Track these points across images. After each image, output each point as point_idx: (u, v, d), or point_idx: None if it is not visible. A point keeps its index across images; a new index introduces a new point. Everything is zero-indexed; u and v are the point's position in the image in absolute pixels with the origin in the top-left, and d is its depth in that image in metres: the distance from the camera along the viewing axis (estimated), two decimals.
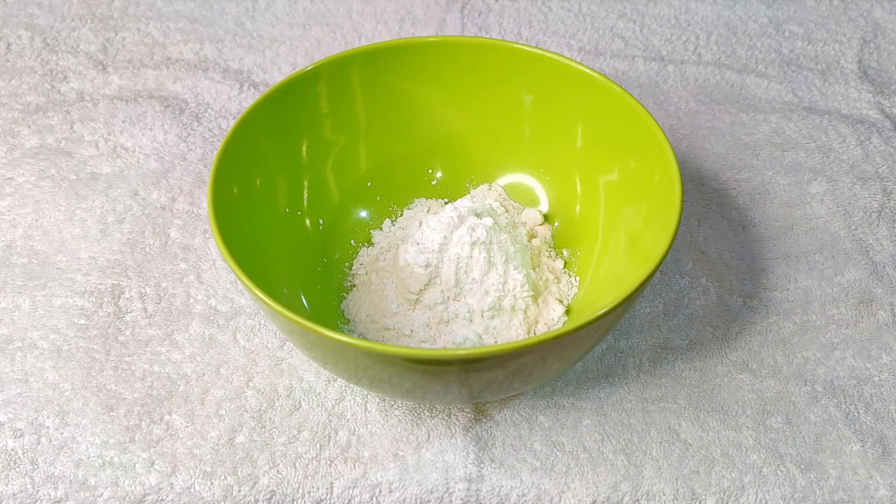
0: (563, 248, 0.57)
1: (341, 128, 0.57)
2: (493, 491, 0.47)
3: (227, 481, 0.47)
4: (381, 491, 0.47)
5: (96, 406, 0.51)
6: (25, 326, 0.55)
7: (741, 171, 0.65)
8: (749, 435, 0.50)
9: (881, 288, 0.57)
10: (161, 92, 0.72)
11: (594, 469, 0.48)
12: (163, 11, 0.80)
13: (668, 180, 0.48)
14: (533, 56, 0.56)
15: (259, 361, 0.53)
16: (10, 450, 0.49)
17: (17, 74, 0.73)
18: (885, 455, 0.49)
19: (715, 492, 0.47)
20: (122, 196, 0.63)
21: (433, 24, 0.79)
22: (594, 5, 0.81)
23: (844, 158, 0.66)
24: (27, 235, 0.60)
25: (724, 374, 0.53)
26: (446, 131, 0.59)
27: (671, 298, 0.57)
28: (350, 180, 0.58)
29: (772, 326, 0.55)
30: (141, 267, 0.58)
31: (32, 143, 0.67)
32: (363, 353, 0.41)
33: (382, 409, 0.51)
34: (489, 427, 0.50)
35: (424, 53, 0.57)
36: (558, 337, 0.41)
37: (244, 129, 0.51)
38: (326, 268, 0.56)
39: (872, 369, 0.53)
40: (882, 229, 0.61)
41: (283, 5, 0.81)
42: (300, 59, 0.75)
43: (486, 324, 0.51)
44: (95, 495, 0.47)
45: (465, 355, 0.41)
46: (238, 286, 0.57)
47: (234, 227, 0.47)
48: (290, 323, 0.42)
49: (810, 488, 0.47)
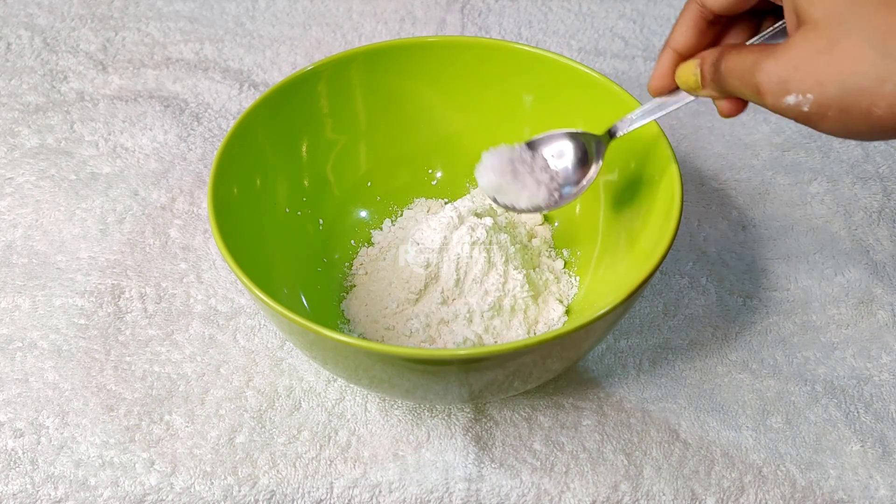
0: (563, 248, 0.57)
1: (341, 128, 0.58)
2: (493, 491, 0.47)
3: (227, 481, 0.47)
4: (381, 491, 0.47)
5: (96, 406, 0.51)
6: (25, 326, 0.55)
7: (741, 171, 0.65)
8: (749, 435, 0.50)
9: (881, 288, 0.57)
10: (161, 92, 0.72)
11: (594, 469, 0.48)
12: (163, 11, 0.80)
13: (668, 180, 0.48)
14: (533, 56, 0.56)
15: (259, 361, 0.53)
16: (10, 450, 0.49)
17: (17, 74, 0.73)
18: (885, 455, 0.49)
19: (715, 492, 0.47)
20: (122, 196, 0.63)
21: (433, 24, 0.79)
22: (594, 5, 0.81)
23: (844, 158, 0.66)
24: (27, 235, 0.60)
25: (724, 374, 0.53)
26: (446, 131, 0.59)
27: (671, 298, 0.57)
28: (350, 180, 0.59)
29: (772, 326, 0.55)
30: (141, 267, 0.58)
31: (32, 143, 0.67)
32: (363, 353, 0.41)
33: (382, 409, 0.51)
34: (489, 427, 0.50)
35: (424, 53, 0.57)
36: (558, 337, 0.41)
37: (244, 129, 0.51)
38: (326, 268, 0.56)
39: (872, 369, 0.53)
40: (882, 229, 0.61)
41: (283, 5, 0.81)
42: (300, 59, 0.75)
43: (486, 324, 0.51)
44: (95, 495, 0.47)
45: (465, 355, 0.41)
46: (238, 286, 0.57)
47: (234, 227, 0.47)
48: (290, 323, 0.42)
49: (810, 488, 0.47)
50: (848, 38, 0.33)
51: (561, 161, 0.49)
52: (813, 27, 0.34)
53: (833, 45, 0.33)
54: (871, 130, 0.34)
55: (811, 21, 0.34)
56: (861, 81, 0.33)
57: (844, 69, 0.33)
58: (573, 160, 0.49)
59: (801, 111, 0.35)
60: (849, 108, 0.33)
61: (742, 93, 0.39)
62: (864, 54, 0.33)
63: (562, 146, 0.49)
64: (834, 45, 0.33)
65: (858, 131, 0.34)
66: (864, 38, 0.33)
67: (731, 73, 0.39)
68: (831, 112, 0.34)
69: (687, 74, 0.43)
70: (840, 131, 0.35)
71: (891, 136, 0.34)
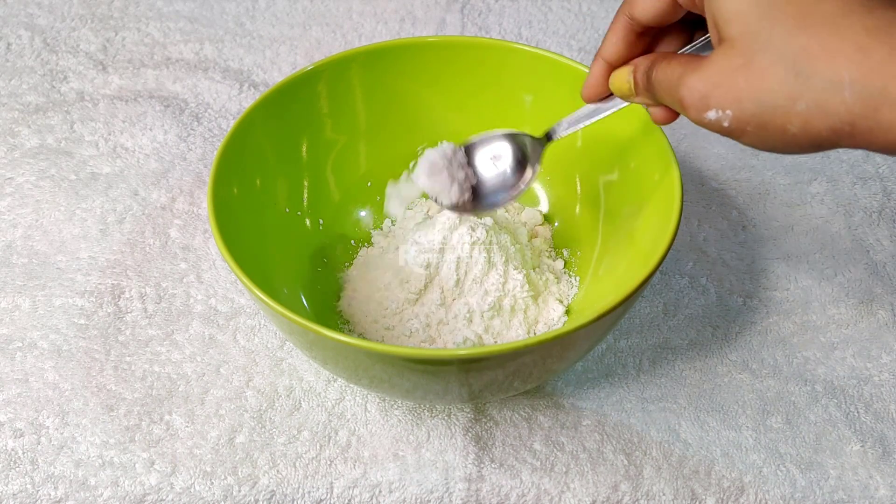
0: (563, 248, 0.57)
1: (341, 128, 0.57)
2: (493, 491, 0.47)
3: (227, 481, 0.47)
4: (381, 491, 0.47)
5: (96, 406, 0.51)
6: (25, 326, 0.55)
7: (741, 171, 0.65)
8: (749, 435, 0.50)
9: (881, 288, 0.57)
10: (161, 92, 0.72)
11: (594, 469, 0.48)
12: (163, 11, 0.80)
13: (668, 180, 0.48)
14: (533, 56, 0.56)
15: (259, 361, 0.53)
16: (10, 450, 0.49)
17: (17, 74, 0.73)
18: (885, 455, 0.49)
19: (715, 492, 0.47)
20: (122, 196, 0.63)
21: (433, 24, 0.79)
22: (594, 5, 0.81)
23: (844, 158, 0.66)
24: (27, 235, 0.60)
25: (724, 374, 0.53)
26: (446, 131, 0.59)
27: (671, 298, 0.57)
28: (350, 180, 0.59)
29: (772, 326, 0.55)
30: (141, 267, 0.58)
31: (32, 143, 0.67)
32: (363, 353, 0.41)
33: (382, 409, 0.51)
34: (489, 427, 0.50)
35: (424, 53, 0.57)
36: (558, 337, 0.41)
37: (244, 129, 0.51)
38: (326, 268, 0.56)
39: (872, 369, 0.53)
40: (882, 229, 0.61)
41: (283, 5, 0.81)
42: (300, 59, 0.75)
43: (486, 324, 0.51)
44: (95, 495, 0.47)
45: (465, 355, 0.41)
46: (238, 286, 0.57)
47: (234, 227, 0.47)
48: (290, 323, 0.42)
49: (810, 488, 0.47)
50: (763, 57, 0.33)
51: (500, 164, 0.49)
52: (731, 45, 0.35)
53: (749, 63, 0.34)
54: (787, 146, 0.34)
55: (729, 38, 0.35)
56: (776, 100, 0.33)
57: (760, 87, 0.34)
58: (511, 163, 0.49)
59: (722, 126, 0.35)
60: (766, 124, 0.34)
61: (669, 103, 0.39)
62: (778, 73, 0.33)
63: (499, 148, 0.49)
64: (750, 63, 0.34)
65: (775, 146, 0.35)
66: (778, 58, 0.33)
67: (659, 84, 0.39)
68: (750, 128, 0.35)
69: (621, 81, 0.43)
70: (759, 145, 0.35)
71: (806, 151, 0.34)
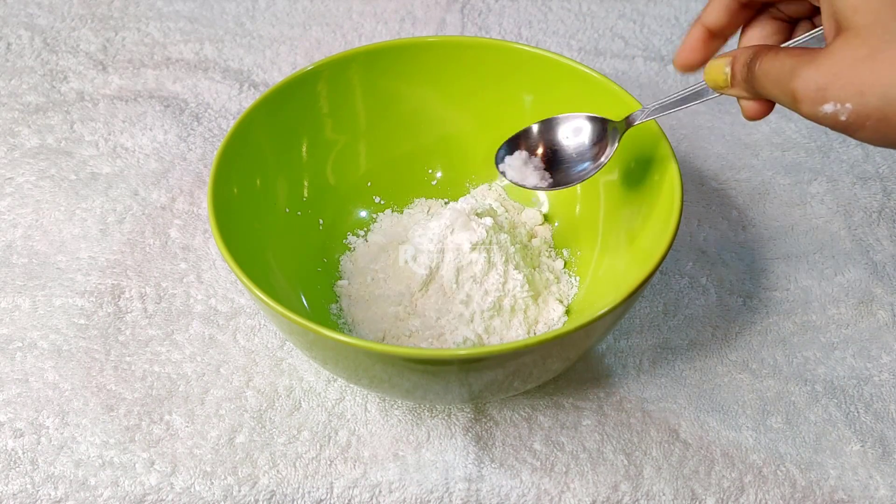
0: (563, 248, 0.57)
1: (341, 128, 0.58)
2: (493, 491, 0.47)
3: (227, 481, 0.47)
4: (381, 491, 0.47)
5: (96, 406, 0.51)
6: (25, 326, 0.55)
7: (741, 171, 0.65)
8: (749, 435, 0.50)
9: (881, 288, 0.57)
10: (161, 92, 0.72)
11: (594, 469, 0.48)
12: (163, 11, 0.80)
13: (668, 180, 0.48)
14: (533, 56, 0.56)
15: (259, 361, 0.53)
16: (10, 450, 0.49)
17: (17, 74, 0.73)
18: (885, 455, 0.49)
19: (715, 492, 0.47)
20: (122, 196, 0.63)
21: (433, 24, 0.79)
22: (594, 5, 0.81)
23: (844, 158, 0.66)
24: (27, 235, 0.60)
25: (724, 374, 0.53)
26: (446, 131, 0.59)
27: (671, 298, 0.57)
28: (350, 180, 0.59)
29: (772, 326, 0.55)
30: (141, 267, 0.58)
31: (32, 143, 0.67)
32: (363, 353, 0.41)
33: (382, 409, 0.51)
34: (489, 427, 0.50)
35: (424, 53, 0.57)
36: (558, 337, 0.41)
37: (244, 129, 0.51)
38: (326, 268, 0.56)
39: (872, 369, 0.53)
40: (882, 229, 0.61)
41: (283, 5, 0.81)
42: (300, 59, 0.75)
43: (486, 324, 0.51)
44: (95, 495, 0.47)
45: (465, 355, 0.41)
46: (238, 286, 0.57)
47: (234, 227, 0.47)
48: (290, 323, 0.42)
49: (810, 488, 0.47)
50: (892, 47, 0.32)
51: (577, 138, 0.50)
52: (855, 34, 0.33)
53: (875, 54, 0.33)
54: None
55: (853, 28, 0.34)
56: None
57: (887, 79, 0.32)
58: (591, 137, 0.50)
59: (839, 120, 0.34)
60: (889, 118, 0.33)
61: (775, 97, 0.38)
62: None
63: (580, 124, 0.50)
64: (877, 54, 0.33)
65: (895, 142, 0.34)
66: None
67: (765, 76, 0.38)
68: (870, 122, 0.33)
69: (716, 72, 0.42)
70: (878, 140, 0.34)
71: None
